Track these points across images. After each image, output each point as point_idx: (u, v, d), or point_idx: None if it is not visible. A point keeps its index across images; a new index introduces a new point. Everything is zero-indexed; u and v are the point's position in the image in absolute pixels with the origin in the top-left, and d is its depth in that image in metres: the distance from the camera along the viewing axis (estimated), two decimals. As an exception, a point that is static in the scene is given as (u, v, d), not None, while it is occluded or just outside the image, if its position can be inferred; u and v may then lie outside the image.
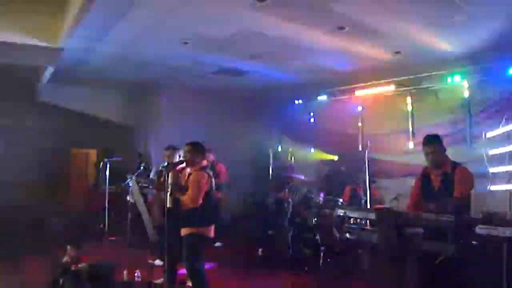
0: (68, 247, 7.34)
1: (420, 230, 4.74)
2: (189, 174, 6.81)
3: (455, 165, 5.62)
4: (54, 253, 7.96)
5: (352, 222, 6.11)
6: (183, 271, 7.59)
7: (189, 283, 7.69)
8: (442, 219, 4.39)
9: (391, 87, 11.73)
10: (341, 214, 5.61)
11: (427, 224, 4.58)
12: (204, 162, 6.92)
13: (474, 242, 4.78)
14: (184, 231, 6.61)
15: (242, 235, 12.30)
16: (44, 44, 9.73)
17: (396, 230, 4.68)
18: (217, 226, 7.03)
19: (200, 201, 6.46)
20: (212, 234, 6.76)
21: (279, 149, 14.84)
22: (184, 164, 7.16)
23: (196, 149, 6.83)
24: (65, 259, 7.25)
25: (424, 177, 5.84)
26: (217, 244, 11.34)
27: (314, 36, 8.90)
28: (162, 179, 8.61)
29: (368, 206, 9.48)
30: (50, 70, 11.64)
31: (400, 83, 11.52)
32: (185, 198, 6.51)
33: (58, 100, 14.57)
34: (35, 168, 14.92)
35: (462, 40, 8.80)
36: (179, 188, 6.73)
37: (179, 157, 8.18)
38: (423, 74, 10.92)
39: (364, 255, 9.00)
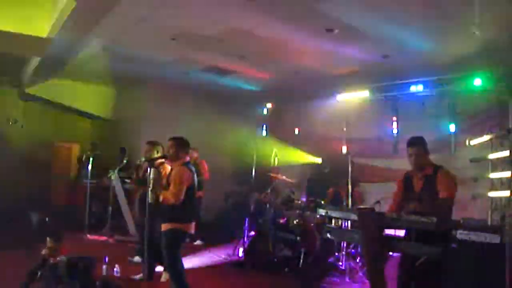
0: (48, 239, 7.25)
1: (402, 231, 4.74)
2: (171, 169, 6.78)
3: (437, 168, 5.62)
4: (34, 246, 7.86)
5: (333, 223, 6.11)
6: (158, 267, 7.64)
7: (163, 279, 7.72)
8: (424, 221, 4.39)
9: (378, 92, 11.76)
10: (323, 214, 5.59)
11: (408, 226, 4.58)
12: (187, 158, 6.85)
13: (454, 245, 4.80)
14: (164, 227, 6.56)
15: (222, 234, 12.26)
16: (31, 34, 9.65)
17: (378, 231, 4.67)
18: (197, 224, 7.01)
19: (182, 197, 6.41)
20: (192, 230, 6.74)
21: (263, 149, 14.82)
22: (163, 159, 7.16)
23: (179, 144, 6.76)
24: (44, 251, 7.15)
25: (407, 180, 5.85)
26: (198, 242, 11.31)
27: (302, 37, 8.91)
28: (141, 175, 8.60)
29: (350, 209, 9.51)
30: (36, 61, 11.56)
31: (387, 87, 11.56)
32: (167, 194, 6.46)
33: (43, 92, 14.48)
34: (17, 160, 14.81)
35: (450, 47, 8.85)
36: (161, 183, 6.69)
37: (157, 152, 8.14)
38: (410, 80, 10.95)
39: (345, 257, 9.04)
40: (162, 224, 6.60)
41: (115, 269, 8.13)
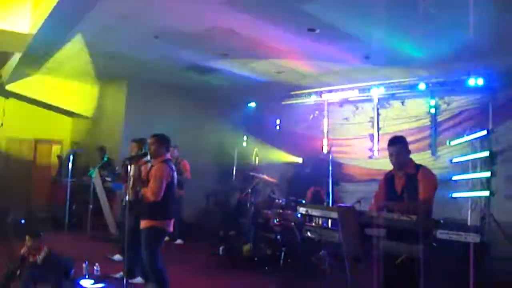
0: (27, 237, 7.18)
1: (383, 230, 4.74)
2: (151, 166, 6.73)
3: (418, 167, 5.62)
4: (13, 245, 7.78)
5: (313, 223, 6.12)
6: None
7: (135, 280, 7.70)
8: (404, 219, 4.40)
9: (358, 92, 11.83)
10: (303, 213, 5.59)
11: (388, 224, 4.59)
12: (168, 155, 6.81)
13: (434, 244, 4.83)
14: (143, 224, 6.52)
15: (203, 233, 12.25)
16: (12, 29, 9.58)
17: (358, 229, 4.67)
18: (179, 224, 6.97)
19: (161, 194, 6.36)
20: (171, 228, 6.69)
21: (244, 149, 14.83)
22: (146, 157, 7.13)
23: (161, 141, 6.71)
24: (23, 250, 7.09)
25: (388, 180, 5.82)
26: (178, 241, 11.27)
27: (284, 36, 8.89)
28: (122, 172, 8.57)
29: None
30: (16, 57, 11.46)
31: (367, 88, 11.62)
32: (146, 191, 6.41)
33: (23, 89, 14.37)
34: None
35: (430, 48, 8.88)
36: (141, 180, 6.65)
37: (141, 150, 8.12)
38: (391, 81, 11.02)
39: (325, 256, 9.06)
40: (141, 222, 6.56)
41: (95, 268, 8.09)
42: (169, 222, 6.61)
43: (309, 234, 5.56)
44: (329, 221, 6.13)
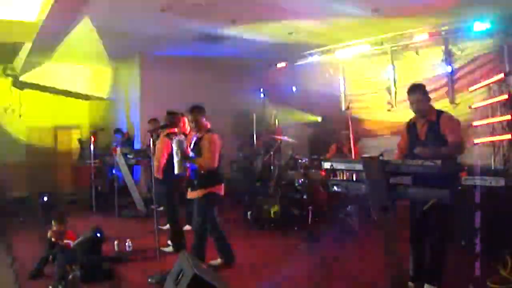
0: (53, 222, 7.31)
1: (408, 177, 4.75)
2: (199, 138, 6.87)
3: (439, 113, 5.59)
4: (43, 230, 7.89)
5: (339, 177, 6.14)
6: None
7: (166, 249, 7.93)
8: (429, 165, 4.38)
9: (371, 46, 11.72)
10: (328, 167, 5.58)
11: (413, 171, 4.57)
12: (209, 124, 6.97)
13: (460, 187, 4.84)
14: (198, 193, 6.76)
15: (230, 200, 12.32)
16: (20, 19, 9.58)
17: (384, 178, 4.66)
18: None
19: (217, 162, 6.66)
20: (223, 192, 6.96)
21: (262, 113, 14.82)
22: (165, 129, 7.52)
23: (200, 112, 6.88)
24: (49, 234, 7.21)
25: (410, 127, 5.82)
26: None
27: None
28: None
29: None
30: (27, 47, 11.50)
31: (379, 41, 11.51)
32: (202, 161, 6.62)
33: (37, 78, 14.44)
34: (19, 148, 14.90)
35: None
36: (185, 155, 6.70)
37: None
38: (403, 31, 10.90)
39: (352, 211, 9.10)
40: (193, 192, 6.85)
41: (126, 244, 8.18)
42: (221, 186, 6.92)
43: (335, 188, 5.56)
44: (354, 176, 6.16)
